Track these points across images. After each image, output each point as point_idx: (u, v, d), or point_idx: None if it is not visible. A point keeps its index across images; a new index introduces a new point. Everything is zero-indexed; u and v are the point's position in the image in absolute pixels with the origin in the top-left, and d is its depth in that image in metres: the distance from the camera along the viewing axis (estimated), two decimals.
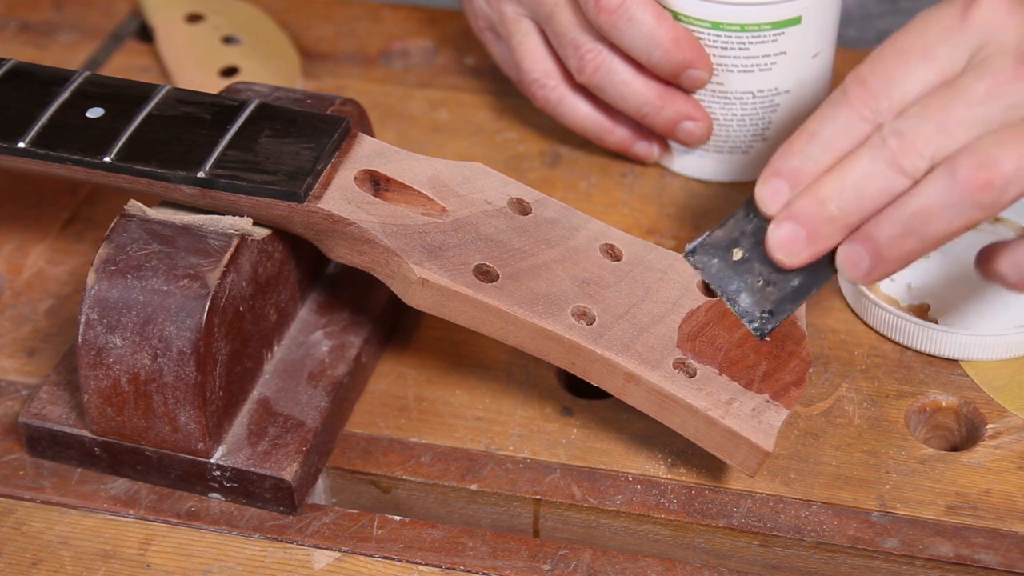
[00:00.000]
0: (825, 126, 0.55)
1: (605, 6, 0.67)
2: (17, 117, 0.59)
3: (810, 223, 0.55)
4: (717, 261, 0.57)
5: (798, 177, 0.55)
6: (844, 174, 0.54)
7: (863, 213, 0.54)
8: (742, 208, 0.57)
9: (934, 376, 0.63)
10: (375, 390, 0.63)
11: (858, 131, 0.55)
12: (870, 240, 0.55)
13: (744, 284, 0.57)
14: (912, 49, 0.55)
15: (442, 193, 0.59)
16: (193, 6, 0.85)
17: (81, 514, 0.59)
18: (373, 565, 0.57)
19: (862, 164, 0.54)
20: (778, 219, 0.55)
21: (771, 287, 0.56)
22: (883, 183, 0.54)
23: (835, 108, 0.55)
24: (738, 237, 0.57)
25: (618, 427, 0.61)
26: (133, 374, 0.57)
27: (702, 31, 0.68)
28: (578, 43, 0.69)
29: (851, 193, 0.54)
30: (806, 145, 0.55)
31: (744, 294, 0.57)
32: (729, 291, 0.57)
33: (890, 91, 0.55)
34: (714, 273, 0.57)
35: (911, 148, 0.53)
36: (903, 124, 0.54)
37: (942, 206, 0.53)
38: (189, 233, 0.57)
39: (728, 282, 0.57)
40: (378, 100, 0.79)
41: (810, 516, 0.58)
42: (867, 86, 0.55)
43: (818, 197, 0.55)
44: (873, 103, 0.55)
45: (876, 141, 0.54)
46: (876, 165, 0.54)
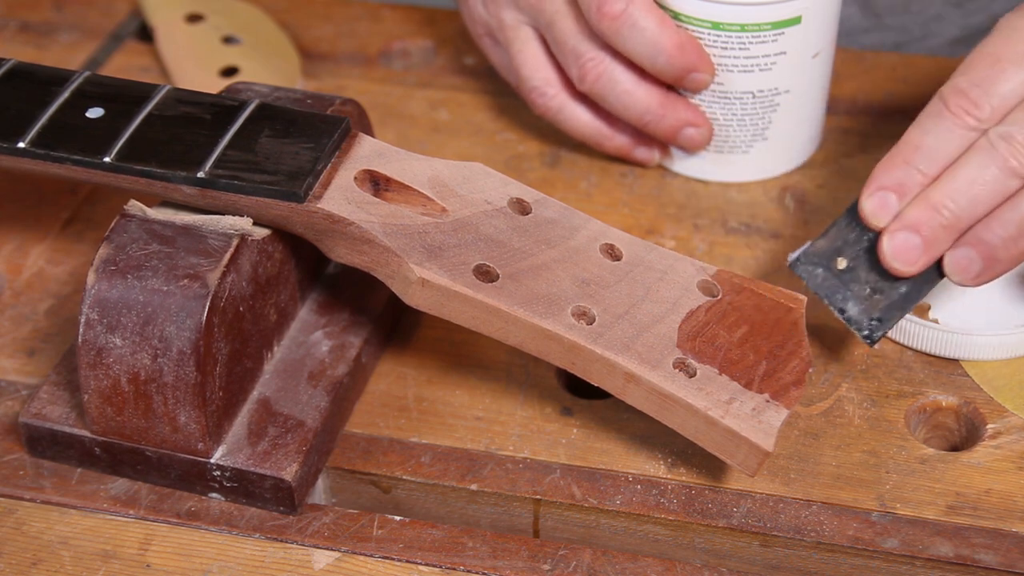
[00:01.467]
0: (928, 137, 0.56)
1: (608, 12, 0.67)
2: (17, 117, 0.59)
3: (926, 230, 0.55)
4: (822, 271, 0.58)
5: (905, 189, 0.56)
6: (955, 180, 0.55)
7: (976, 217, 0.55)
8: (843, 217, 0.58)
9: (934, 376, 0.63)
10: (375, 390, 0.63)
11: (961, 140, 0.56)
12: (981, 243, 0.55)
13: (851, 293, 0.57)
14: (1005, 55, 0.56)
15: (442, 193, 0.59)
16: (193, 6, 0.85)
17: (81, 514, 0.59)
18: (373, 565, 0.57)
19: (972, 169, 0.55)
20: (892, 229, 0.56)
21: (879, 295, 0.57)
22: (996, 186, 0.55)
23: (936, 119, 0.56)
24: (841, 246, 0.58)
25: (618, 427, 0.61)
26: (133, 374, 0.57)
27: (702, 31, 0.68)
28: (579, 51, 0.69)
29: (964, 198, 0.55)
30: (911, 157, 0.56)
31: (851, 303, 0.57)
32: (836, 300, 0.57)
33: (990, 98, 0.55)
34: (820, 283, 0.58)
35: (1021, 150, 0.54)
36: (1011, 128, 0.54)
37: None
38: (189, 233, 0.57)
39: (834, 291, 0.58)
40: (378, 100, 0.79)
41: (810, 516, 0.58)
42: (966, 95, 0.55)
43: (931, 204, 0.55)
44: (975, 111, 0.55)
45: (984, 145, 0.55)
46: (987, 170, 0.54)
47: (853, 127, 0.76)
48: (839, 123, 0.77)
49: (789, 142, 0.73)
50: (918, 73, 0.79)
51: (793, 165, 0.74)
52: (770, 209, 0.72)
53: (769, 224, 0.71)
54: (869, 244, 0.58)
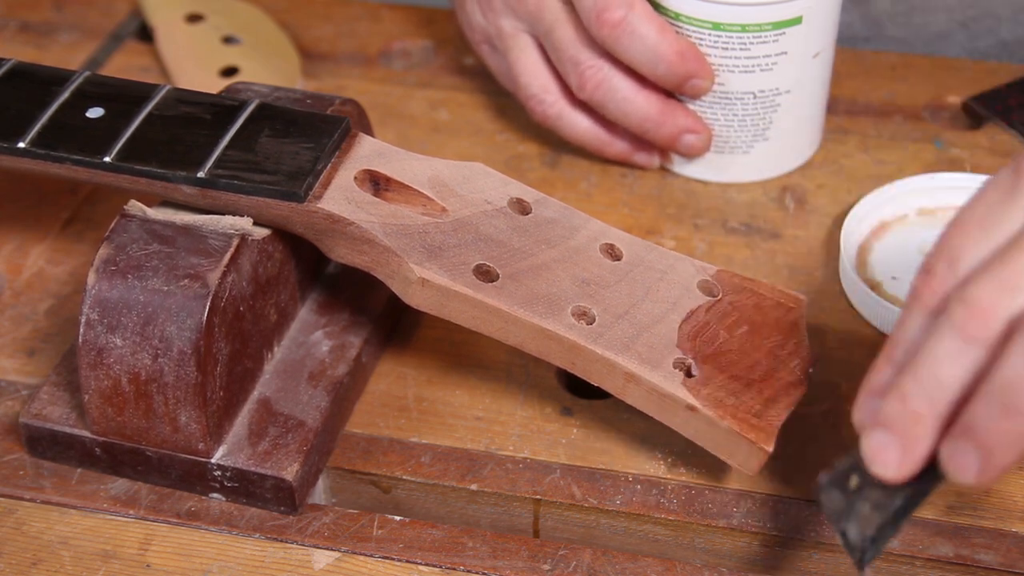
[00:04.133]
0: (904, 332, 0.50)
1: (607, 20, 0.66)
2: (17, 117, 0.59)
3: (899, 426, 0.49)
4: (838, 492, 0.52)
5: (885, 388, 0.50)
6: (919, 363, 0.49)
7: (950, 402, 0.48)
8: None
9: None
10: (375, 390, 0.63)
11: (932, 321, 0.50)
12: (970, 430, 0.48)
13: (854, 513, 0.52)
14: (971, 222, 0.50)
15: (442, 193, 0.59)
16: (193, 6, 0.85)
17: (81, 514, 0.59)
18: (373, 565, 0.57)
19: (932, 345, 0.49)
20: (868, 430, 0.50)
21: (877, 511, 0.51)
22: (960, 360, 0.48)
23: (909, 311, 0.50)
24: (855, 463, 0.52)
25: (618, 427, 0.61)
26: (134, 374, 0.57)
27: (703, 32, 0.68)
28: (578, 59, 0.69)
29: (929, 381, 0.48)
30: (889, 353, 0.51)
31: (853, 524, 0.52)
32: (840, 524, 0.52)
33: (955, 271, 0.50)
34: (832, 507, 0.52)
35: (979, 313, 0.48)
36: (966, 291, 0.48)
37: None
38: (189, 233, 0.57)
39: (842, 516, 0.52)
40: (378, 100, 0.79)
41: (810, 516, 0.58)
42: (933, 274, 0.50)
43: (900, 394, 0.49)
44: (941, 290, 0.50)
45: (943, 319, 0.49)
46: (948, 343, 0.48)
47: (853, 127, 0.76)
48: (839, 123, 0.77)
49: (789, 142, 0.73)
50: (918, 73, 0.79)
51: (793, 165, 0.74)
52: (770, 209, 0.72)
53: (769, 224, 0.71)
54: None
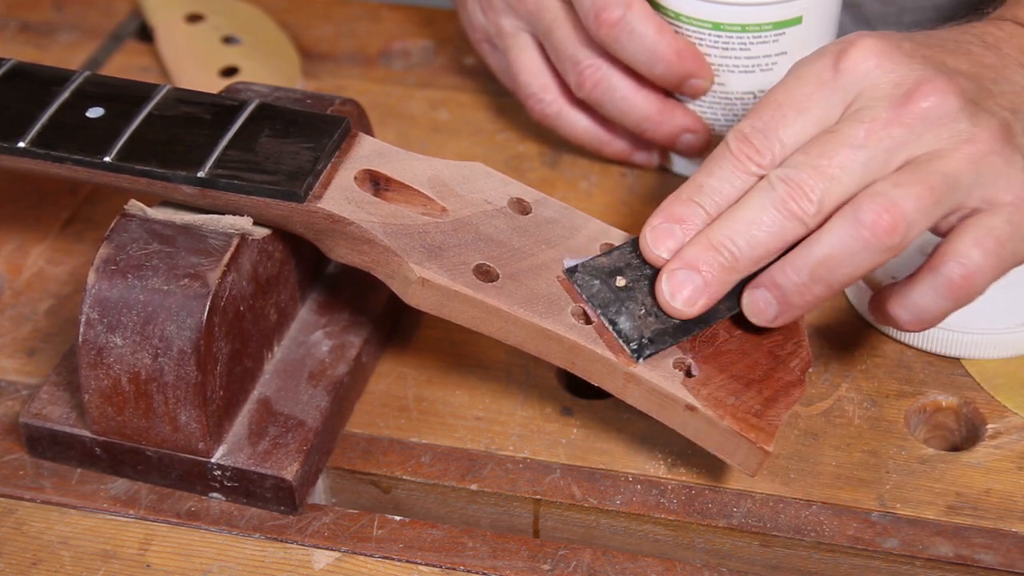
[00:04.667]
0: (711, 178, 0.56)
1: (606, 20, 0.66)
2: (17, 117, 0.59)
3: (705, 270, 0.55)
4: (599, 283, 0.57)
5: (687, 223, 0.56)
6: (735, 220, 0.55)
7: (756, 259, 0.55)
8: (628, 244, 0.58)
9: (934, 376, 0.63)
10: (375, 390, 0.63)
11: (743, 183, 0.56)
12: (776, 287, 0.55)
13: (625, 309, 0.56)
14: (788, 102, 0.56)
15: (442, 193, 0.59)
16: (193, 6, 0.85)
17: (81, 514, 0.59)
18: (373, 565, 0.57)
19: (752, 210, 0.55)
20: (670, 267, 0.56)
21: (652, 318, 0.56)
22: (775, 229, 0.55)
23: (720, 162, 0.56)
24: (623, 267, 0.57)
25: (618, 427, 0.61)
26: (134, 374, 0.57)
27: (703, 32, 0.68)
28: (577, 59, 0.69)
29: (744, 240, 0.55)
30: (694, 195, 0.56)
31: (624, 317, 0.56)
32: (609, 312, 0.56)
33: (771, 144, 0.56)
34: (594, 293, 0.57)
35: (799, 192, 0.54)
36: (788, 171, 0.55)
37: (849, 252, 0.54)
38: (189, 233, 0.57)
39: (608, 304, 0.56)
40: (378, 100, 0.79)
41: (810, 516, 0.58)
42: (749, 140, 0.56)
43: (711, 243, 0.55)
44: (757, 157, 0.56)
45: (763, 187, 0.55)
46: (767, 211, 0.54)
47: None
48: None
49: None
50: None
51: None
52: None
53: None
54: (652, 272, 0.57)
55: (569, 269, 0.57)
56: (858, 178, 0.54)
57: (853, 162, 0.54)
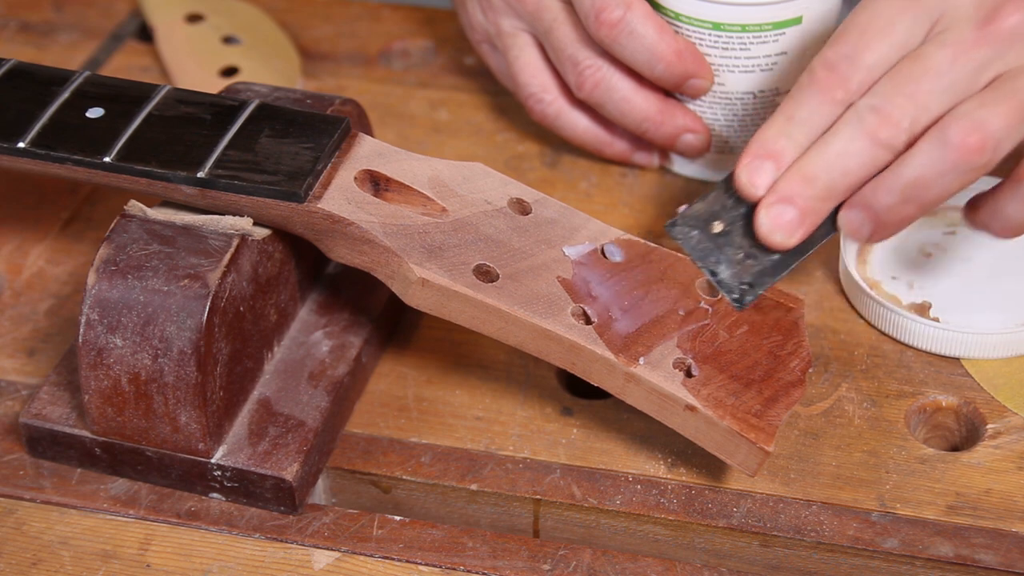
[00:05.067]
0: (800, 109, 0.57)
1: (606, 20, 0.66)
2: (17, 117, 0.59)
3: (800, 202, 0.56)
4: (697, 233, 0.58)
5: (780, 158, 0.57)
6: (827, 151, 0.56)
7: (850, 188, 0.56)
8: (721, 184, 0.58)
9: (934, 376, 0.63)
10: (375, 390, 0.63)
11: (831, 112, 0.56)
12: (870, 208, 0.56)
13: (724, 256, 0.57)
14: (871, 27, 0.56)
15: (442, 193, 0.59)
16: (193, 6, 0.85)
17: (81, 514, 0.59)
18: (373, 565, 0.57)
19: (842, 141, 0.55)
20: (767, 201, 0.57)
21: (751, 260, 0.57)
22: (866, 158, 0.55)
23: (806, 91, 0.57)
24: (719, 211, 0.58)
25: (618, 427, 0.61)
26: (134, 374, 0.57)
27: (703, 32, 0.68)
28: (577, 59, 0.69)
29: (837, 170, 0.55)
30: (784, 127, 0.57)
31: (723, 266, 0.57)
32: (709, 262, 0.57)
33: (857, 70, 0.56)
34: (694, 245, 0.58)
35: (888, 121, 0.55)
36: (876, 100, 0.55)
37: (938, 173, 0.55)
38: (189, 233, 0.57)
39: (708, 254, 0.58)
40: (378, 100, 0.79)
41: (810, 516, 0.58)
42: (833, 67, 0.56)
43: (804, 176, 0.56)
44: (842, 83, 0.56)
45: (852, 118, 0.55)
46: (857, 141, 0.55)
47: None
48: None
49: None
50: None
51: None
52: None
53: None
54: (747, 211, 0.58)
55: (669, 223, 0.58)
56: (947, 101, 0.55)
57: (940, 86, 0.55)
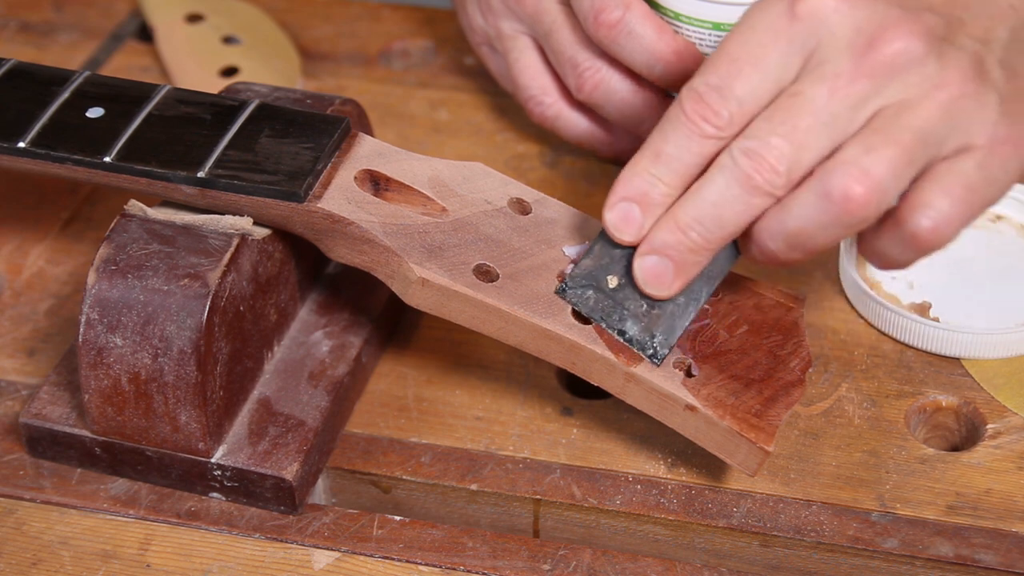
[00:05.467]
0: (667, 144, 0.53)
1: (605, 21, 0.66)
2: (17, 117, 0.59)
3: (674, 253, 0.54)
4: (593, 292, 0.55)
5: (648, 200, 0.54)
6: (700, 199, 0.53)
7: (726, 236, 0.54)
8: (602, 233, 0.56)
9: (934, 376, 0.63)
10: (375, 390, 0.63)
11: (701, 148, 0.53)
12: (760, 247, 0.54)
13: (627, 312, 0.55)
14: (741, 55, 0.53)
15: (442, 193, 0.59)
16: (193, 6, 0.85)
17: (81, 514, 0.59)
18: (373, 565, 0.57)
19: (717, 187, 0.53)
20: (641, 252, 0.54)
21: (656, 309, 0.55)
22: (742, 206, 0.53)
23: (674, 126, 0.53)
24: (608, 264, 0.55)
25: (618, 427, 0.61)
26: (134, 374, 0.57)
27: (703, 32, 0.68)
28: (576, 61, 0.69)
29: (711, 220, 0.53)
30: (652, 165, 0.54)
31: (630, 322, 0.55)
32: (612, 322, 0.55)
33: (726, 102, 0.53)
34: (592, 306, 0.55)
35: (764, 165, 0.52)
36: (751, 143, 0.52)
37: (820, 226, 0.52)
38: (189, 233, 0.57)
39: (610, 312, 0.55)
40: (378, 100, 0.79)
41: (810, 516, 0.58)
42: (701, 99, 0.53)
43: (678, 225, 0.53)
44: (713, 119, 0.53)
45: (727, 162, 0.52)
46: (732, 189, 0.52)
47: None
48: None
49: None
50: None
51: None
52: None
53: None
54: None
55: (559, 288, 0.56)
56: (826, 140, 0.52)
57: (818, 124, 0.52)
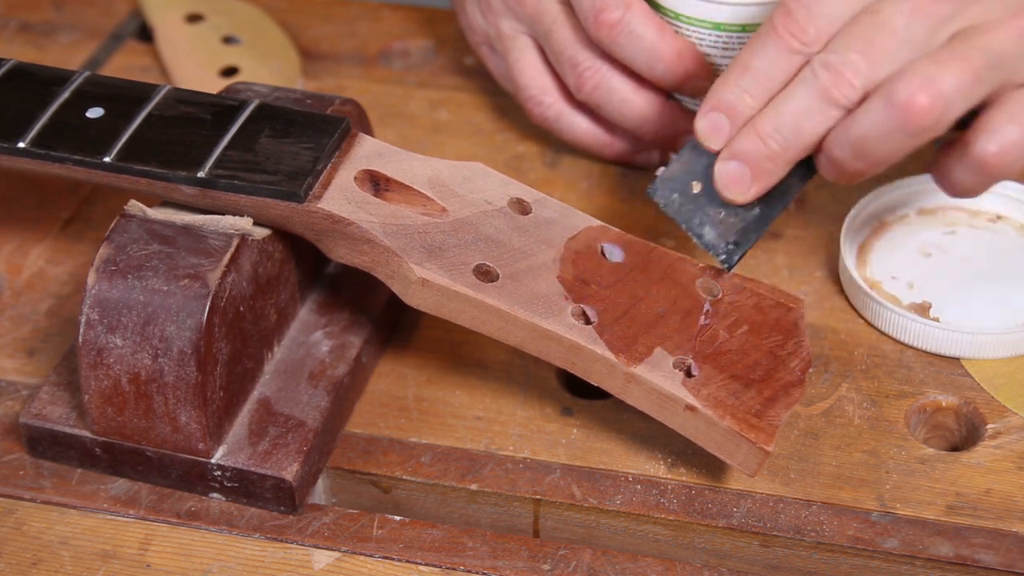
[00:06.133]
0: (756, 59, 0.56)
1: (605, 21, 0.66)
2: (17, 117, 0.59)
3: (753, 160, 0.56)
4: (678, 196, 0.58)
5: (736, 111, 0.57)
6: (781, 110, 0.56)
7: (803, 147, 0.56)
8: (692, 140, 0.59)
9: (934, 376, 0.63)
10: (375, 390, 0.63)
11: (788, 63, 0.56)
12: (829, 157, 0.56)
13: (707, 217, 0.58)
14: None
15: (442, 193, 0.59)
16: (193, 6, 0.85)
17: (81, 514, 0.59)
18: (373, 565, 0.57)
19: (796, 99, 0.55)
20: (722, 158, 0.57)
21: (733, 217, 0.58)
22: (819, 116, 0.55)
23: (764, 41, 0.56)
24: (695, 169, 0.58)
25: (618, 427, 0.61)
26: (134, 374, 0.57)
27: (703, 32, 0.68)
28: (576, 60, 0.69)
29: (789, 129, 0.55)
30: (740, 78, 0.57)
31: (708, 227, 0.58)
32: (693, 225, 0.58)
33: (815, 20, 0.55)
34: (677, 208, 0.58)
35: (842, 79, 0.54)
36: (831, 56, 0.55)
37: (884, 132, 0.54)
38: (189, 233, 0.57)
39: (691, 216, 0.58)
40: (378, 100, 0.79)
41: (810, 516, 0.58)
42: (792, 17, 0.56)
43: (758, 134, 0.56)
44: (800, 34, 0.56)
45: (807, 75, 0.55)
46: (810, 100, 0.55)
47: None
48: None
49: None
50: None
51: None
52: None
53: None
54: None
55: (651, 187, 0.59)
56: (902, 58, 0.54)
57: (896, 42, 0.54)
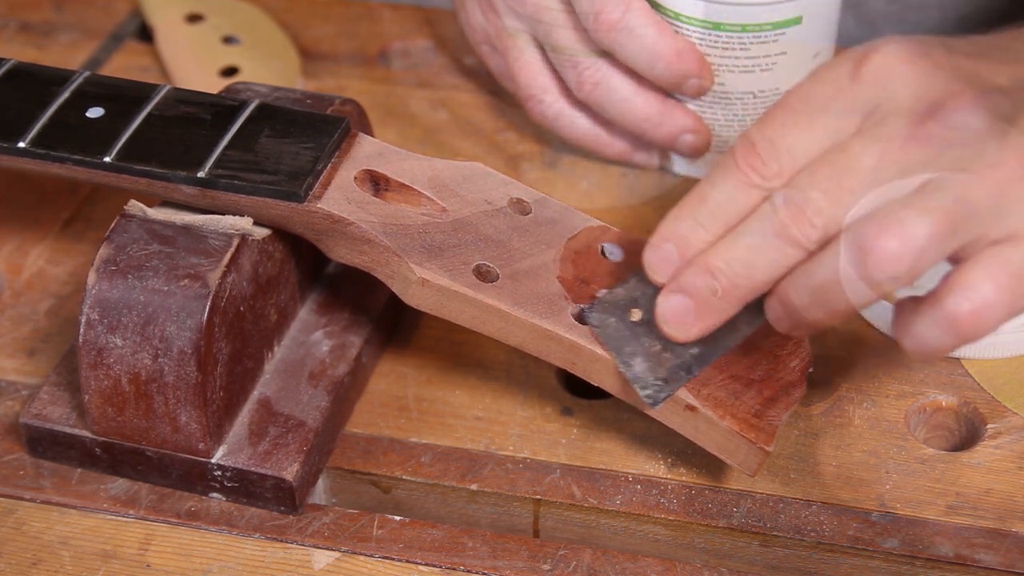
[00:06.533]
0: (714, 191, 0.53)
1: (605, 21, 0.66)
2: (17, 117, 0.59)
3: (699, 296, 0.53)
4: (615, 321, 0.55)
5: (687, 244, 0.53)
6: (733, 245, 0.52)
7: (754, 286, 0.52)
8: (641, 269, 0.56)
9: (934, 376, 0.63)
10: (375, 390, 0.63)
11: (746, 198, 0.52)
12: (784, 304, 0.53)
13: (640, 348, 0.54)
14: (801, 111, 0.53)
15: (442, 193, 0.59)
16: (193, 6, 0.85)
17: (81, 514, 0.59)
18: (373, 565, 0.57)
19: (751, 234, 0.52)
20: (667, 291, 0.54)
21: (668, 352, 0.54)
22: (774, 255, 0.51)
23: (723, 173, 0.53)
24: (638, 297, 0.55)
25: (618, 427, 0.61)
26: (134, 374, 0.57)
27: (703, 32, 0.68)
28: (576, 60, 0.69)
29: (740, 265, 0.52)
30: (695, 210, 0.53)
31: (639, 358, 0.54)
32: (623, 353, 0.55)
33: (779, 155, 0.52)
34: (610, 333, 0.55)
35: (802, 217, 0.51)
36: (793, 193, 0.51)
37: (848, 280, 0.50)
38: (190, 233, 0.57)
39: (623, 344, 0.55)
40: (378, 100, 0.79)
41: (810, 516, 0.58)
42: (754, 149, 0.52)
43: (707, 268, 0.52)
44: (762, 169, 0.52)
45: (766, 210, 0.52)
46: (765, 236, 0.51)
47: None
48: None
49: None
50: None
51: None
52: None
53: None
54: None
55: (587, 308, 0.56)
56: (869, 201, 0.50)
57: (863, 184, 0.50)
